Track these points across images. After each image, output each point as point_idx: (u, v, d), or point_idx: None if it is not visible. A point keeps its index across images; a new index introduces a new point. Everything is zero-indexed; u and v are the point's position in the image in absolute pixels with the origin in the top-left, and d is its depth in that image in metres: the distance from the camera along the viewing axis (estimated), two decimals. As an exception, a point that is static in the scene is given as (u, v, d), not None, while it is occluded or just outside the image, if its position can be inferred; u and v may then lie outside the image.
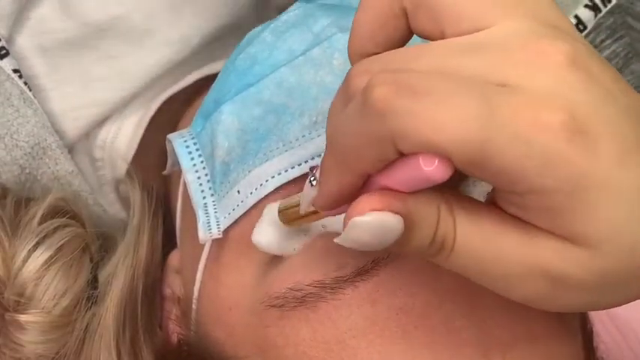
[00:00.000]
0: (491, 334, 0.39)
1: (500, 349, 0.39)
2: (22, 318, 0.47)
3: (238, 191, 0.45)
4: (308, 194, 0.36)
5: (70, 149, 0.54)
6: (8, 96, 0.50)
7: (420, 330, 0.38)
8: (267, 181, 0.44)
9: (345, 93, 0.32)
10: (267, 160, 0.44)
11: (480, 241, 0.32)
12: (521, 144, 0.28)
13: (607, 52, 0.57)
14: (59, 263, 0.49)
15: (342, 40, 0.46)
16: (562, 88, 0.29)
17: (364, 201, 0.31)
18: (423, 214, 0.31)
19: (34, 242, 0.49)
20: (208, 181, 0.47)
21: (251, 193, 0.44)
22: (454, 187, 0.32)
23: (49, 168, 0.52)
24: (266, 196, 0.44)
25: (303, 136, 0.44)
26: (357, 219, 0.31)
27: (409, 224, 0.31)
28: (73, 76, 0.53)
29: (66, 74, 0.53)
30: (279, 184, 0.43)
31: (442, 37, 0.32)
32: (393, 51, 0.32)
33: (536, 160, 0.29)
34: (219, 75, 0.51)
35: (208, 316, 0.45)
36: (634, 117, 0.31)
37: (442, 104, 0.28)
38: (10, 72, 0.50)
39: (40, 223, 0.50)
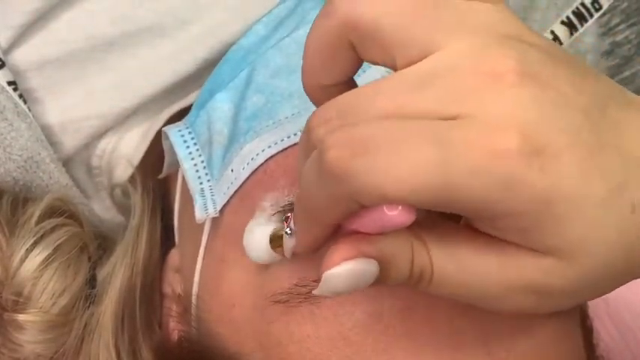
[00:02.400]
0: (493, 332, 0.39)
1: (503, 346, 0.39)
2: (21, 317, 0.47)
3: (232, 170, 0.45)
4: (287, 243, 0.37)
5: (68, 160, 0.54)
6: (2, 109, 0.49)
7: (424, 328, 0.39)
8: (257, 154, 0.45)
9: (307, 143, 0.32)
10: (257, 137, 0.45)
11: (458, 269, 0.32)
12: (480, 176, 0.29)
13: (620, 37, 0.57)
14: (57, 262, 0.49)
15: None
16: (513, 109, 0.29)
17: (335, 252, 0.32)
18: (396, 252, 0.32)
19: (31, 242, 0.49)
20: (204, 167, 0.48)
21: (243, 168, 0.45)
22: (429, 215, 0.33)
23: (43, 181, 0.52)
24: (256, 169, 0.44)
25: (293, 114, 0.45)
26: (330, 272, 0.32)
27: (384, 264, 0.32)
28: (75, 88, 0.53)
29: (67, 86, 0.53)
30: (269, 156, 0.44)
31: (394, 65, 0.32)
32: (347, 94, 0.32)
33: (499, 188, 0.29)
34: (213, 70, 0.51)
35: (211, 313, 0.45)
36: (592, 115, 0.31)
37: (396, 156, 0.28)
38: (5, 84, 0.49)
39: (38, 222, 0.50)
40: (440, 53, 0.31)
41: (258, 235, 0.41)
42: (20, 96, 0.50)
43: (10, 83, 0.50)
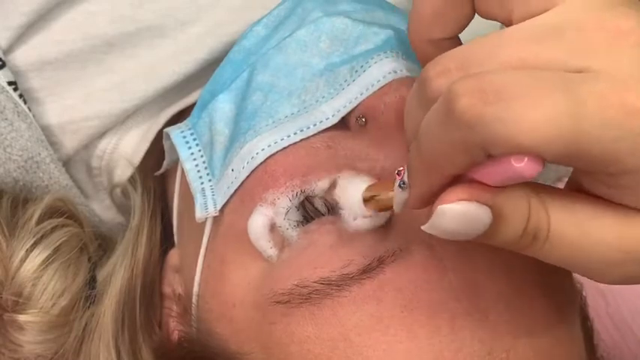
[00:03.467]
0: (494, 332, 0.39)
1: (503, 346, 0.39)
2: (21, 318, 0.47)
3: (232, 169, 0.45)
4: (400, 197, 0.36)
5: (67, 160, 0.54)
6: (2, 109, 0.49)
7: (425, 328, 0.38)
8: (257, 153, 0.45)
9: (425, 94, 0.32)
10: (257, 136, 0.45)
11: (576, 230, 0.32)
12: (612, 129, 0.29)
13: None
14: (57, 263, 0.49)
15: (327, 23, 0.47)
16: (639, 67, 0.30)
17: (453, 191, 0.31)
18: (513, 207, 0.32)
19: (31, 242, 0.49)
20: (206, 167, 0.48)
21: (243, 167, 0.45)
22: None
23: (43, 182, 0.52)
24: (256, 168, 0.44)
25: (292, 113, 0.45)
26: (444, 206, 0.31)
27: (498, 217, 0.31)
28: (74, 89, 0.53)
29: (67, 87, 0.53)
30: (269, 155, 0.44)
31: (510, 19, 0.32)
32: (467, 46, 0.32)
33: (629, 142, 0.29)
34: (215, 71, 0.51)
35: (211, 313, 0.45)
36: None
37: (528, 105, 0.28)
38: (5, 84, 0.49)
39: (38, 223, 0.50)
40: (560, 7, 0.31)
41: (351, 192, 0.42)
42: (20, 96, 0.50)
43: (10, 83, 0.50)
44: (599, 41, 0.30)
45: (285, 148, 0.44)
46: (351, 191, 0.42)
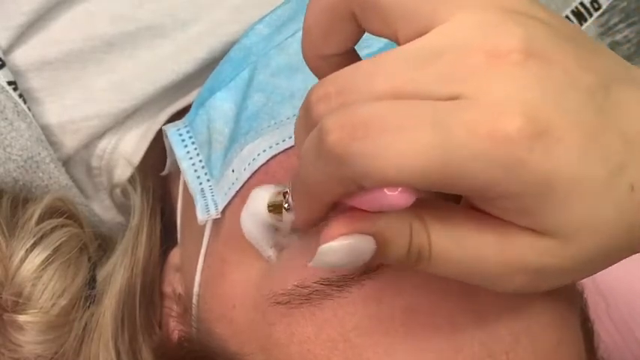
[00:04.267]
0: (494, 333, 0.39)
1: (503, 347, 0.39)
2: (21, 318, 0.47)
3: (233, 170, 0.45)
4: (286, 217, 0.37)
5: (67, 160, 0.54)
6: (2, 109, 0.49)
7: (425, 329, 0.38)
8: (258, 155, 0.44)
9: (308, 118, 0.32)
10: (258, 137, 0.45)
11: (457, 248, 0.32)
12: (481, 160, 0.29)
13: (619, 36, 0.56)
14: (57, 263, 0.49)
15: None
16: (516, 90, 0.29)
17: (333, 226, 0.32)
18: (394, 231, 0.32)
19: (31, 242, 0.49)
20: (203, 167, 0.48)
21: (244, 169, 0.45)
22: (429, 194, 0.33)
23: (43, 182, 0.52)
24: (257, 169, 0.44)
25: (294, 115, 0.45)
26: (326, 246, 0.32)
27: (381, 242, 0.32)
28: (74, 89, 0.53)
29: (67, 87, 0.53)
30: (270, 156, 0.44)
31: (396, 37, 0.32)
32: (349, 69, 0.31)
33: (499, 171, 0.29)
34: (215, 68, 0.51)
35: (211, 313, 0.45)
36: (596, 95, 0.31)
37: (395, 139, 0.28)
38: (5, 84, 0.49)
39: (38, 223, 0.50)
40: (442, 27, 0.30)
41: (258, 201, 0.41)
42: (20, 96, 0.50)
43: (10, 83, 0.50)
44: (477, 64, 0.29)
45: (287, 149, 0.44)
46: (261, 194, 0.42)
